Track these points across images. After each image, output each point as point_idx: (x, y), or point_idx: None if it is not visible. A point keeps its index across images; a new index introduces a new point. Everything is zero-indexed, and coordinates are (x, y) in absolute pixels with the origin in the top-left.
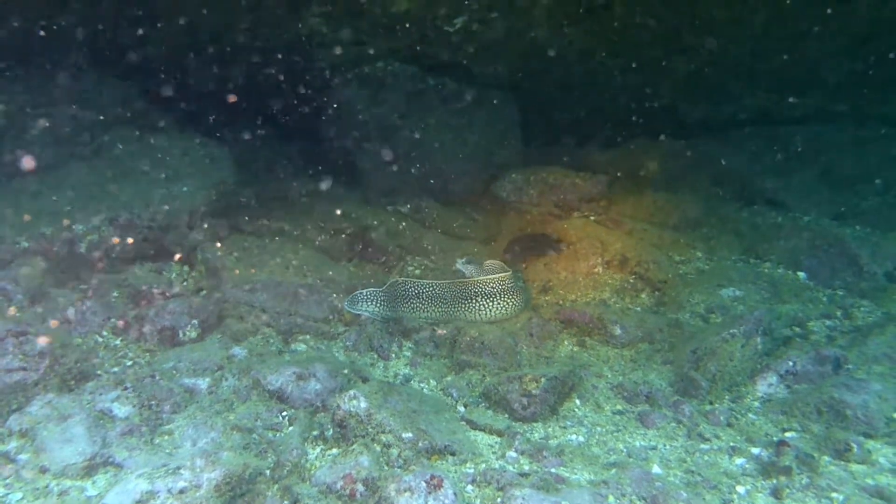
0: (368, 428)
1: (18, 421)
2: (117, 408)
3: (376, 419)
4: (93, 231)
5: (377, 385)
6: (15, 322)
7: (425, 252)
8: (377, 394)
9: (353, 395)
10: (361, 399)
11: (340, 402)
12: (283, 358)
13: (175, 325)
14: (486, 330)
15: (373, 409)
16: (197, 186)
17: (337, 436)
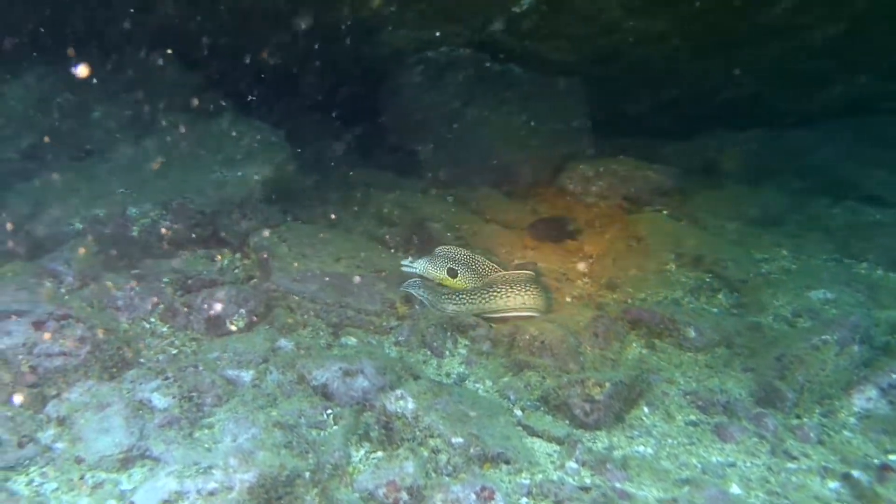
0: (416, 431)
1: (57, 408)
2: (157, 398)
3: (424, 421)
4: (145, 215)
5: (426, 384)
6: (58, 305)
7: (486, 245)
8: (426, 394)
9: (400, 394)
10: (409, 399)
11: (386, 401)
12: (330, 352)
13: (223, 314)
14: (546, 329)
15: (421, 410)
16: (251, 172)
17: (382, 438)
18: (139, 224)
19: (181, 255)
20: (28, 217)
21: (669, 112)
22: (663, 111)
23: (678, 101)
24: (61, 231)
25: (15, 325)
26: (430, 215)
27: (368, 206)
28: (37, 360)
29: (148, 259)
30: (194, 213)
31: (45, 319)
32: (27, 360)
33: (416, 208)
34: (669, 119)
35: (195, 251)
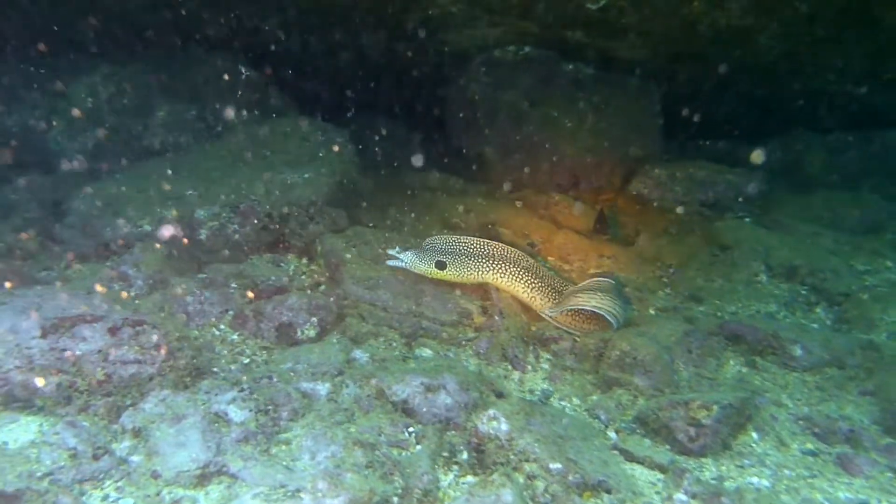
0: (510, 455)
1: (132, 418)
2: (233, 411)
3: (519, 444)
4: (214, 218)
5: (518, 404)
6: (132, 310)
7: (559, 254)
8: (519, 414)
9: (493, 415)
10: (502, 420)
11: (478, 422)
12: (407, 365)
13: (293, 322)
14: (639, 344)
15: (515, 432)
16: (318, 174)
17: (472, 461)
18: (207, 226)
19: (248, 259)
20: (96, 217)
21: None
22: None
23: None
24: (130, 233)
25: (90, 331)
26: (499, 220)
27: (433, 210)
28: (112, 368)
29: (214, 262)
30: (262, 216)
31: (120, 325)
32: (102, 367)
33: (483, 213)
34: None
35: (262, 255)
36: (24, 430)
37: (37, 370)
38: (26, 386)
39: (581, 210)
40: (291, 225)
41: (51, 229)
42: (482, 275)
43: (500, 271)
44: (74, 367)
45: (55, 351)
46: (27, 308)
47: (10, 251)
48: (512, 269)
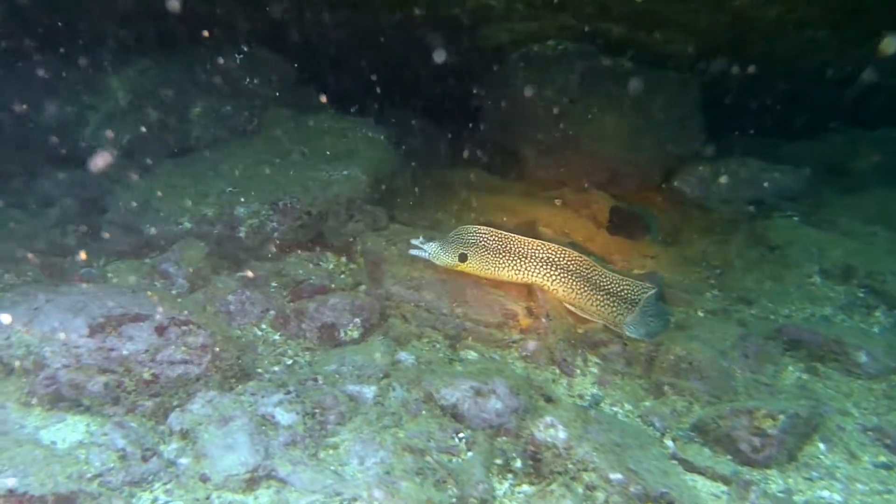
0: (568, 464)
1: (180, 420)
2: (280, 414)
3: (577, 453)
4: (253, 215)
5: (574, 411)
6: (178, 309)
7: (602, 253)
8: (576, 421)
9: (550, 422)
10: (560, 428)
11: (535, 429)
12: (454, 368)
13: (336, 323)
14: (694, 348)
15: (573, 440)
16: (356, 171)
17: (528, 469)
18: (247, 224)
19: (287, 257)
20: (136, 214)
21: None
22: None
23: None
24: (170, 230)
25: (137, 330)
26: (539, 219)
27: (470, 207)
28: (159, 368)
29: (253, 261)
30: (301, 214)
31: (167, 325)
32: (150, 367)
33: (521, 211)
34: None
35: (300, 254)
36: (72, 430)
37: (84, 369)
38: (74, 385)
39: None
40: (331, 223)
41: (90, 226)
42: (500, 271)
43: (520, 267)
44: (122, 367)
45: (103, 350)
46: (74, 306)
47: (50, 247)
48: (535, 264)
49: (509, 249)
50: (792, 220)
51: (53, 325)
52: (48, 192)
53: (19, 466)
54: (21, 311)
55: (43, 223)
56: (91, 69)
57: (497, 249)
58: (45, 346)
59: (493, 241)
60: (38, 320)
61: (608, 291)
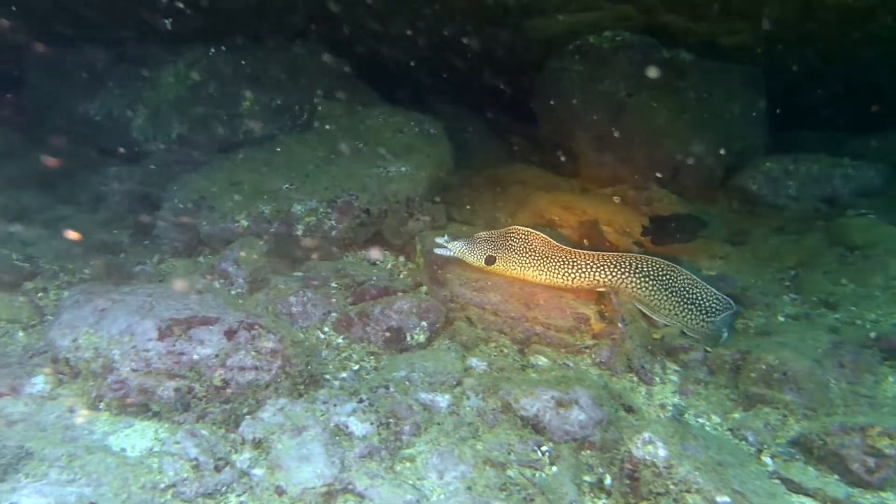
0: (669, 484)
1: (252, 428)
2: (354, 424)
3: (679, 473)
4: (311, 213)
5: (671, 426)
6: (245, 312)
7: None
8: (673, 437)
9: (648, 438)
10: (659, 445)
11: (632, 446)
12: (528, 375)
13: (403, 327)
14: (788, 357)
15: (673, 458)
16: (416, 168)
17: (623, 488)
18: (304, 223)
19: (345, 256)
20: (190, 212)
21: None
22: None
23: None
24: (227, 228)
25: (207, 334)
26: (598, 217)
27: (526, 205)
28: (229, 374)
29: (310, 260)
30: (360, 212)
31: (237, 328)
32: (220, 373)
33: (579, 209)
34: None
35: (357, 253)
36: (141, 437)
37: (154, 374)
38: (144, 390)
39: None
40: (390, 221)
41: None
42: (525, 271)
43: (543, 268)
44: (192, 372)
45: (172, 354)
46: (141, 308)
47: (103, 245)
48: (557, 266)
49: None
50: (868, 219)
51: (121, 328)
52: (98, 187)
53: (92, 475)
54: (87, 312)
55: (94, 219)
56: (140, 62)
57: (520, 251)
58: (113, 348)
59: (518, 244)
60: (106, 322)
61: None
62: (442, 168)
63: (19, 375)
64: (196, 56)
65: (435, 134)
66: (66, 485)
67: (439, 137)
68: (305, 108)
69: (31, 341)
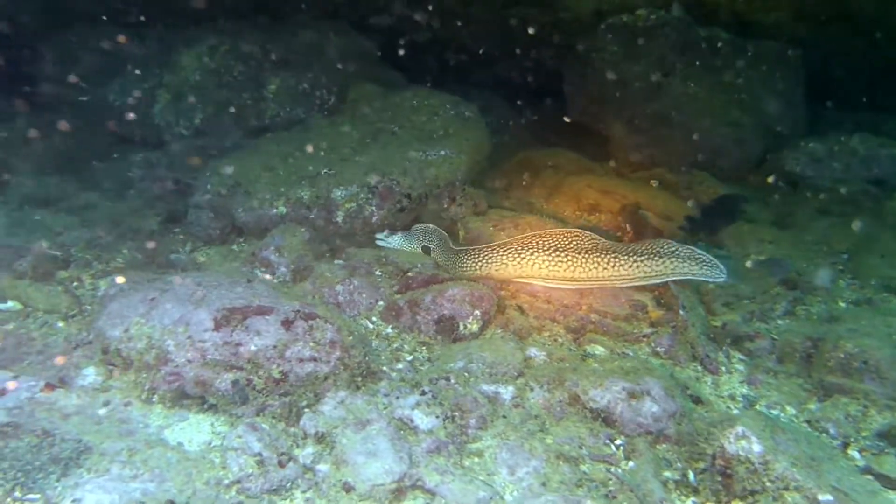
0: (765, 481)
1: (313, 422)
2: (419, 417)
3: (776, 469)
4: (351, 198)
5: (760, 419)
6: (300, 302)
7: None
8: (764, 431)
9: (742, 433)
10: (753, 440)
11: (724, 440)
12: (589, 365)
13: (456, 315)
14: (868, 345)
15: (769, 454)
16: (455, 152)
17: (714, 485)
18: (344, 209)
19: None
20: (226, 198)
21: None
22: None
23: None
24: (264, 214)
25: (264, 324)
26: (638, 201)
27: (562, 190)
28: (288, 366)
29: (351, 247)
30: (401, 197)
31: (293, 318)
32: (278, 364)
33: (617, 193)
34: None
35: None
36: (197, 430)
37: (210, 365)
38: (200, 382)
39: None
40: (431, 206)
41: (172, 210)
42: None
43: (483, 257)
44: (250, 364)
45: (229, 345)
46: (192, 297)
47: (133, 233)
48: (498, 253)
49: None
50: None
51: (174, 318)
52: (123, 173)
53: (155, 471)
54: (136, 302)
55: (122, 207)
56: (160, 46)
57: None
58: (167, 339)
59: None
60: (157, 312)
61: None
62: (480, 152)
63: (66, 367)
64: (220, 38)
65: (471, 117)
66: (130, 480)
67: (476, 120)
68: (333, 91)
69: (72, 331)
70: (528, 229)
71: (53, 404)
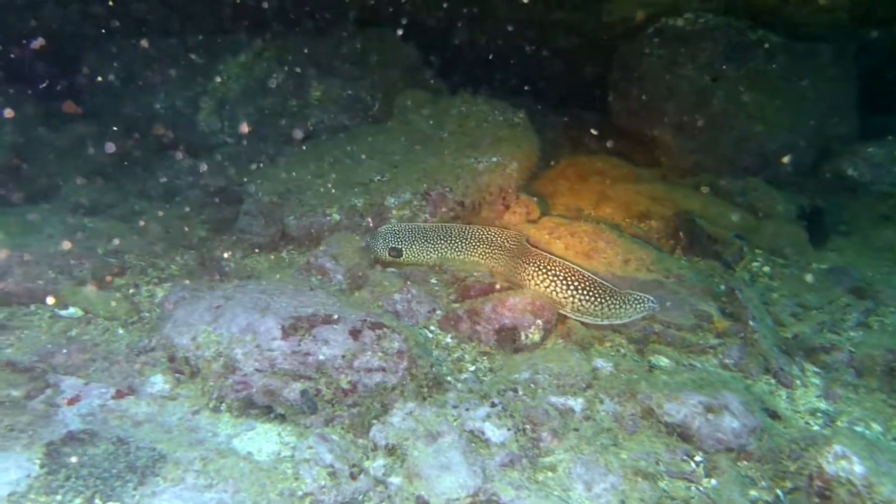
0: None
1: (383, 433)
2: (490, 430)
3: (882, 492)
4: (404, 205)
5: (857, 437)
6: (365, 311)
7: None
8: (864, 451)
9: (841, 452)
10: (854, 460)
11: (822, 460)
12: (657, 377)
13: (517, 325)
14: None
15: (872, 475)
16: (506, 158)
17: None
18: (397, 216)
19: None
20: (276, 205)
21: None
22: None
23: None
24: (316, 221)
25: (332, 333)
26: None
27: (610, 197)
28: (356, 376)
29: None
30: (454, 204)
31: (361, 328)
32: (347, 375)
33: (667, 200)
34: None
35: None
36: (265, 440)
37: (279, 374)
38: (269, 391)
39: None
40: (484, 214)
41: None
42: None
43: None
44: (319, 374)
45: (298, 355)
46: (257, 305)
47: (183, 240)
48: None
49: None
50: None
51: (241, 326)
52: (170, 180)
53: (229, 481)
54: (202, 310)
55: (170, 214)
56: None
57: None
58: (235, 347)
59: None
60: (224, 320)
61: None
62: (531, 158)
63: (131, 374)
64: (264, 45)
65: (519, 123)
66: (205, 490)
67: (525, 126)
68: (377, 97)
69: (133, 338)
70: (584, 238)
71: (124, 412)
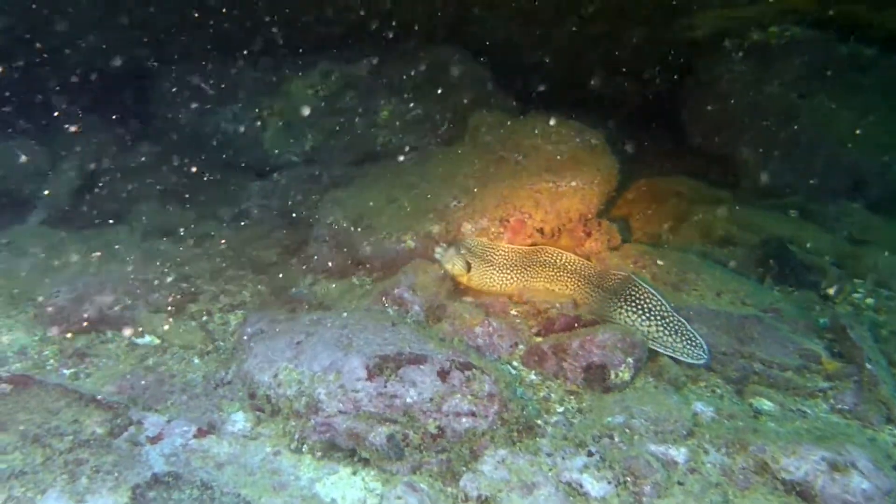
0: None
1: (475, 483)
2: (588, 482)
3: None
4: (482, 232)
5: None
6: (452, 349)
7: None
8: None
9: None
10: None
11: None
12: (763, 424)
13: (607, 363)
14: None
15: None
16: (586, 182)
17: None
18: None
19: None
20: (348, 231)
21: None
22: None
23: None
24: (391, 249)
25: (419, 374)
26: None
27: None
28: (445, 420)
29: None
30: (533, 231)
31: (448, 368)
32: (435, 419)
33: (751, 224)
34: None
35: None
36: (349, 486)
37: (364, 417)
38: (353, 434)
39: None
40: (564, 241)
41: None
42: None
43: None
44: (406, 417)
45: (384, 397)
46: (339, 341)
47: (255, 264)
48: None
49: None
50: None
51: (324, 364)
52: (239, 202)
53: None
54: (282, 345)
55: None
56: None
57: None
58: (318, 386)
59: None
60: (306, 357)
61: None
62: (610, 182)
63: (209, 409)
64: (331, 64)
65: (597, 145)
66: None
67: (602, 148)
68: (447, 118)
69: (209, 369)
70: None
71: (206, 452)
